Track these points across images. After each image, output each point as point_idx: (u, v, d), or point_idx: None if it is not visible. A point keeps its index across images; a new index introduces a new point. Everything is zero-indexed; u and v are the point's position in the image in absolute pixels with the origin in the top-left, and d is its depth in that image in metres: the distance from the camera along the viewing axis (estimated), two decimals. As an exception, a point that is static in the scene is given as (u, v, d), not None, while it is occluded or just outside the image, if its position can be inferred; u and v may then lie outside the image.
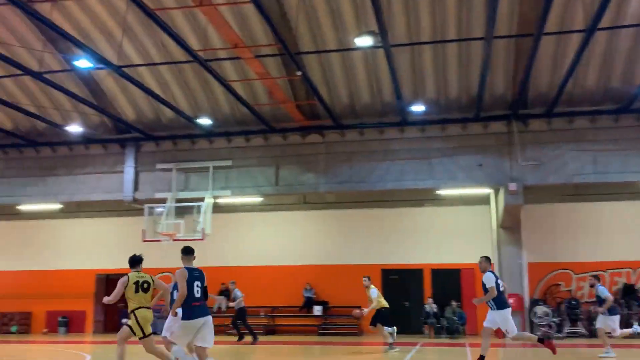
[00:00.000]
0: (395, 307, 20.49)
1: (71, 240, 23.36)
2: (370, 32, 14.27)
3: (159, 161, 20.59)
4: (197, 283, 8.33)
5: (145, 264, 9.25)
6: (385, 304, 14.39)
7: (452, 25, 15.92)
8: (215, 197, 20.12)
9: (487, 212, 20.50)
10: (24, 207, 22.08)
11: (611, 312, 12.68)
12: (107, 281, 22.71)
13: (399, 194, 20.31)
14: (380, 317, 14.20)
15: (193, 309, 8.18)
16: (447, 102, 18.52)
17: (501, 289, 10.71)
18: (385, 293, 15.86)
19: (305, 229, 22.16)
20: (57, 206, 22.03)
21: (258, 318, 21.52)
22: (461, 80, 17.76)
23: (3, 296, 22.81)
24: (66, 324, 22.56)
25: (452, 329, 19.54)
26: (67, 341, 18.99)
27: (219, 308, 21.62)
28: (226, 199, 20.57)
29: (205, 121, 18.88)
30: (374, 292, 14.32)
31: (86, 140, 20.55)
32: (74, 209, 22.97)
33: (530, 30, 14.41)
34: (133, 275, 8.89)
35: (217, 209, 20.67)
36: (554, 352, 10.74)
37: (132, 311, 8.67)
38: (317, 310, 21.16)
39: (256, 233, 22.38)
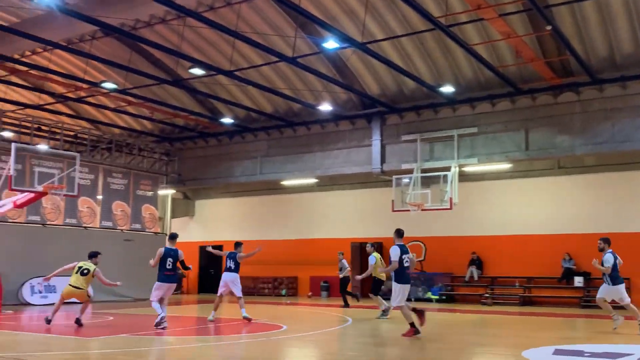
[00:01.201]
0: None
1: (327, 211, 25.04)
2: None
3: (403, 133, 20.96)
4: (169, 259, 12.05)
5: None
6: (381, 276, 15.20)
7: None
8: (461, 166, 19.86)
9: None
10: (286, 182, 24.27)
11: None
12: (361, 249, 23.88)
13: (672, 152, 17.91)
14: (374, 286, 15.32)
15: (165, 276, 12.06)
16: None
17: (405, 264, 10.99)
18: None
19: (561, 195, 20.72)
20: (313, 180, 23.77)
21: (513, 288, 20.84)
22: None
23: (274, 262, 25.41)
24: (327, 288, 24.37)
25: None
26: (329, 304, 20.50)
27: (471, 277, 21.48)
28: (472, 167, 20.17)
29: (447, 89, 18.66)
30: (372, 259, 15.31)
31: (336, 117, 21.75)
32: (328, 182, 24.56)
33: None
34: (81, 263, 12.43)
35: (464, 177, 20.40)
36: (422, 323, 10.97)
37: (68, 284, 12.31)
38: (578, 281, 19.75)
39: (506, 201, 21.57)
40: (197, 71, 18.88)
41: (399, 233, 11.33)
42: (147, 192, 24.30)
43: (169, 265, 12.10)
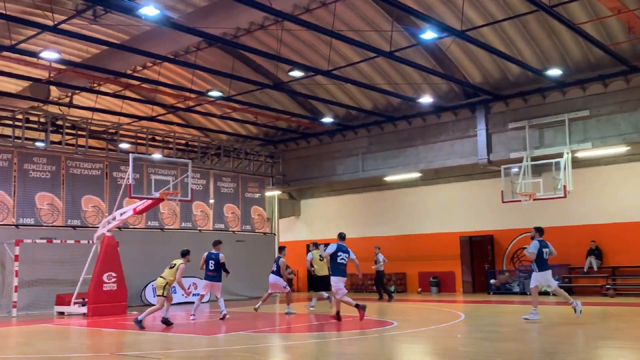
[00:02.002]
0: None
1: (433, 206, 24.63)
2: None
3: (510, 120, 20.26)
4: (211, 261, 14.33)
5: (507, 225, 9.66)
6: (322, 272, 16.06)
7: None
8: (573, 152, 18.93)
9: None
10: (388, 178, 24.14)
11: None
12: (471, 243, 23.32)
13: None
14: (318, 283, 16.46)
15: (207, 275, 14.40)
16: None
17: (340, 260, 12.60)
18: None
19: (687, 177, 19.20)
20: (416, 175, 23.49)
21: (637, 278, 19.55)
22: None
23: (380, 259, 25.34)
24: (437, 284, 23.98)
25: None
26: (440, 300, 20.18)
27: (590, 268, 20.36)
28: (586, 152, 19.14)
29: (555, 72, 17.81)
30: (310, 255, 16.57)
31: (437, 109, 21.37)
32: (432, 176, 24.15)
33: None
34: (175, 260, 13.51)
35: (577, 163, 19.42)
36: (360, 318, 12.65)
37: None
38: None
39: (625, 186, 20.21)
40: (297, 73, 19.20)
41: (340, 236, 13.20)
42: (254, 194, 25.03)
43: (211, 266, 14.35)
